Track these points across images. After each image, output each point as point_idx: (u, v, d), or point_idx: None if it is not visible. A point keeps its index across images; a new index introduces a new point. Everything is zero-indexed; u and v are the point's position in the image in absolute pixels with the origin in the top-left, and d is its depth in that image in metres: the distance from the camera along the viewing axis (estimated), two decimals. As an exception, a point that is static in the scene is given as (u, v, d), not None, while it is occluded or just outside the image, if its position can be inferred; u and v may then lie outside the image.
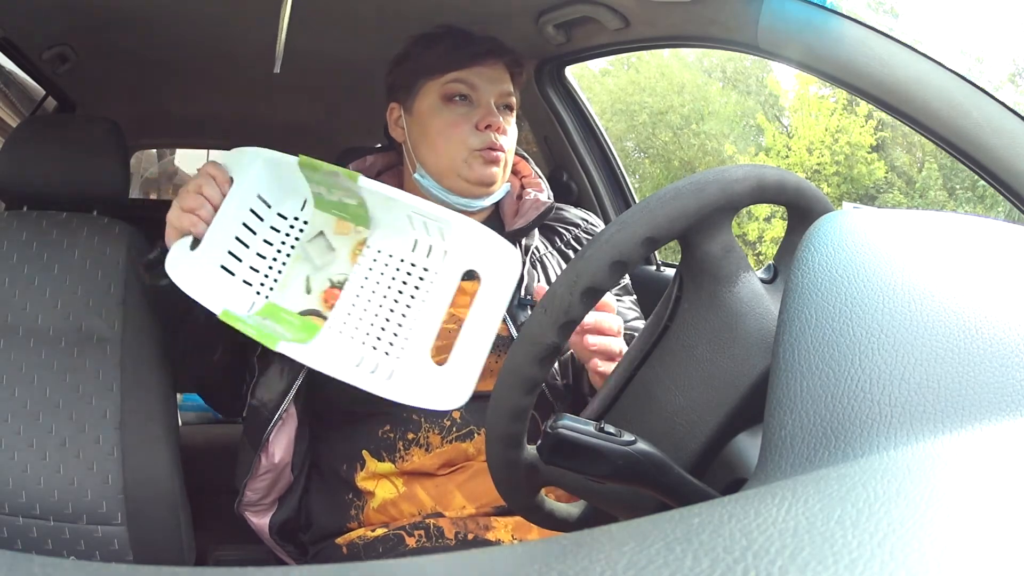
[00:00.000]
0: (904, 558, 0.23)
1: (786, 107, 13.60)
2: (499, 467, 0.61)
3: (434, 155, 1.04)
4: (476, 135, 1.03)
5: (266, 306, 0.93)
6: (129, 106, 1.90)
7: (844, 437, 0.35)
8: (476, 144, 1.02)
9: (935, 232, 0.47)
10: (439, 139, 1.04)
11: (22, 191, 1.17)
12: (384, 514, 1.00)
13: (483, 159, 1.03)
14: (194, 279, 0.90)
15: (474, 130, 1.03)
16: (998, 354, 0.38)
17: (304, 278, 0.95)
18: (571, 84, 1.60)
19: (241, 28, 1.43)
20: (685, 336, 0.58)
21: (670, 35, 1.27)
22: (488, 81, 1.05)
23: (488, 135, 1.03)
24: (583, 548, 0.25)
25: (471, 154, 1.02)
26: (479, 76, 1.04)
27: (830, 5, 0.96)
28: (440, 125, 1.03)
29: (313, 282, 0.95)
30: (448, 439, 1.00)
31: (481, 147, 1.02)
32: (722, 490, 0.54)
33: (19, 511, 1.02)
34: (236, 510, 1.07)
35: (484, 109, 1.04)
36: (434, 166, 1.04)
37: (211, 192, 0.92)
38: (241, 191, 0.93)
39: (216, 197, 0.92)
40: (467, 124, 1.03)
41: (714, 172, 0.58)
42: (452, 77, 1.04)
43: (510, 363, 0.57)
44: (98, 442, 1.05)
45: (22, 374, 1.06)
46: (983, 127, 0.86)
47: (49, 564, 0.24)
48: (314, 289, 0.94)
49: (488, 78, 1.05)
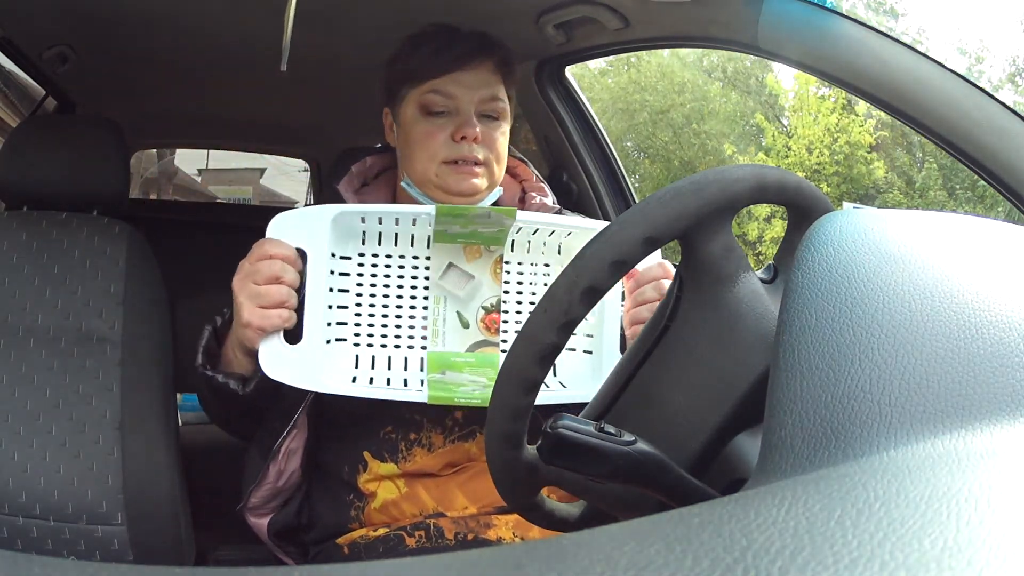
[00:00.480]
0: (904, 558, 0.23)
1: (786, 107, 13.60)
2: (499, 467, 0.61)
3: (411, 165, 1.03)
4: (450, 146, 1.00)
5: (431, 358, 0.90)
6: (129, 106, 1.90)
7: (844, 437, 0.35)
8: (447, 156, 1.00)
9: (935, 232, 0.47)
10: (416, 149, 1.02)
11: (22, 191, 1.17)
12: (385, 514, 1.00)
13: (455, 171, 1.00)
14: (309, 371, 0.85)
15: (449, 141, 1.00)
16: (998, 354, 0.38)
17: (455, 315, 0.92)
18: (571, 84, 1.60)
19: (241, 28, 1.43)
20: (685, 336, 0.58)
21: (670, 35, 1.27)
22: (467, 88, 1.01)
23: (462, 146, 1.00)
24: (583, 548, 0.25)
25: (441, 166, 1.00)
26: (457, 83, 1.01)
27: (830, 5, 0.96)
28: (417, 135, 1.02)
29: (466, 315, 0.92)
30: (450, 439, 1.00)
31: (452, 159, 1.00)
32: (722, 490, 0.54)
33: (19, 511, 1.02)
34: (238, 512, 1.06)
35: (462, 119, 1.01)
36: (414, 175, 1.03)
37: (291, 278, 0.86)
38: (319, 259, 0.87)
39: (296, 280, 0.86)
40: (443, 134, 1.00)
41: (714, 172, 0.58)
42: (429, 87, 1.01)
43: (510, 363, 0.57)
44: (98, 442, 1.05)
45: (22, 374, 1.06)
46: (983, 127, 0.86)
47: (49, 564, 0.24)
48: (471, 321, 0.92)
49: (467, 84, 1.02)
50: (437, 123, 1.01)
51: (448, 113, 1.02)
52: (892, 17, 13.03)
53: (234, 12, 1.36)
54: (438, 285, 0.92)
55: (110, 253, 1.14)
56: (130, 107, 1.91)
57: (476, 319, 0.92)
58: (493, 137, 1.03)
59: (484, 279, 0.93)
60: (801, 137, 12.32)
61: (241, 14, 1.37)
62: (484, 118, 1.02)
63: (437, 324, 0.91)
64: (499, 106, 1.04)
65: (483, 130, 1.01)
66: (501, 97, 1.04)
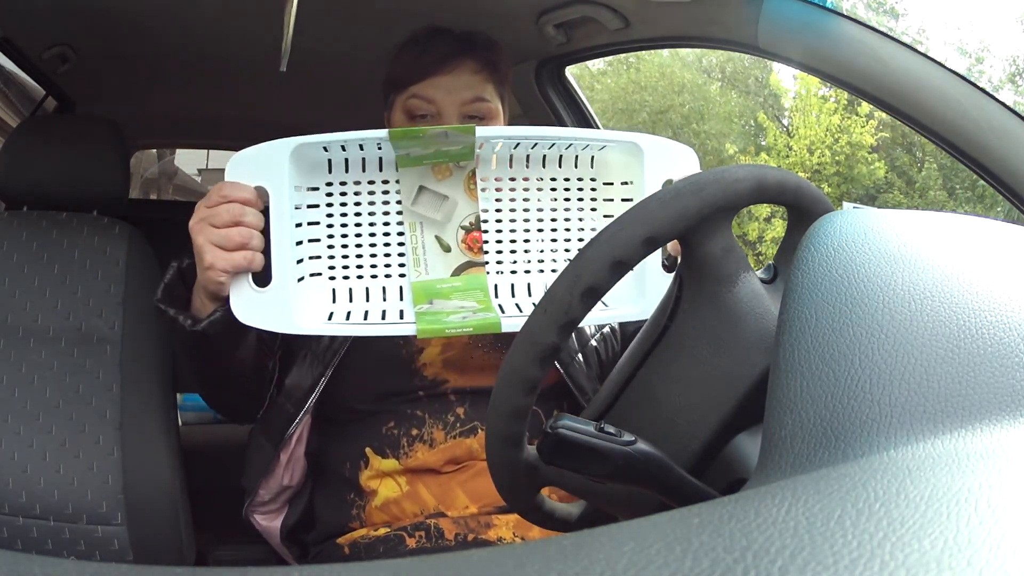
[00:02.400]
0: (904, 558, 0.23)
1: (786, 107, 13.60)
2: (499, 467, 0.61)
3: None
4: None
5: (416, 289, 0.85)
6: (129, 106, 1.90)
7: (844, 437, 0.35)
8: None
9: (935, 232, 0.47)
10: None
11: (22, 191, 1.17)
12: (386, 513, 1.00)
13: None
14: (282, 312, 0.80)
15: None
16: (998, 354, 0.38)
17: (434, 239, 0.87)
18: (571, 84, 1.61)
19: (241, 28, 1.43)
20: (685, 336, 0.58)
21: (670, 35, 1.27)
22: (447, 91, 1.00)
23: None
24: (583, 548, 0.25)
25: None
26: (436, 87, 1.01)
27: (830, 5, 0.96)
28: None
29: (446, 238, 0.87)
30: (452, 435, 1.00)
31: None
32: (722, 490, 0.54)
33: (19, 511, 1.02)
34: (245, 512, 1.06)
35: (442, 122, 1.00)
36: None
37: (253, 219, 0.81)
38: (281, 197, 0.81)
39: (259, 221, 0.81)
40: None
41: (714, 172, 0.58)
42: (410, 93, 1.01)
43: (510, 363, 0.57)
44: (98, 442, 1.05)
45: (22, 374, 1.06)
46: (983, 127, 0.86)
47: (49, 564, 0.24)
48: (451, 244, 0.87)
49: (449, 88, 1.01)
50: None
51: (431, 117, 1.01)
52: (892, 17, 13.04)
53: (234, 12, 1.36)
54: (411, 211, 0.86)
55: (110, 253, 1.14)
56: (130, 107, 1.91)
57: (457, 240, 0.87)
58: None
59: (459, 197, 0.87)
60: (802, 137, 12.32)
61: (241, 14, 1.37)
62: (470, 119, 1.02)
63: (417, 252, 0.86)
64: (484, 107, 1.03)
65: None
66: (486, 97, 1.03)
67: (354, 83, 1.68)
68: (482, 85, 1.03)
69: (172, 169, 8.56)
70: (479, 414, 1.00)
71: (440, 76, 1.01)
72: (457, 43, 1.03)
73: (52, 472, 1.03)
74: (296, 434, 1.02)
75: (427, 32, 1.05)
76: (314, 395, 1.00)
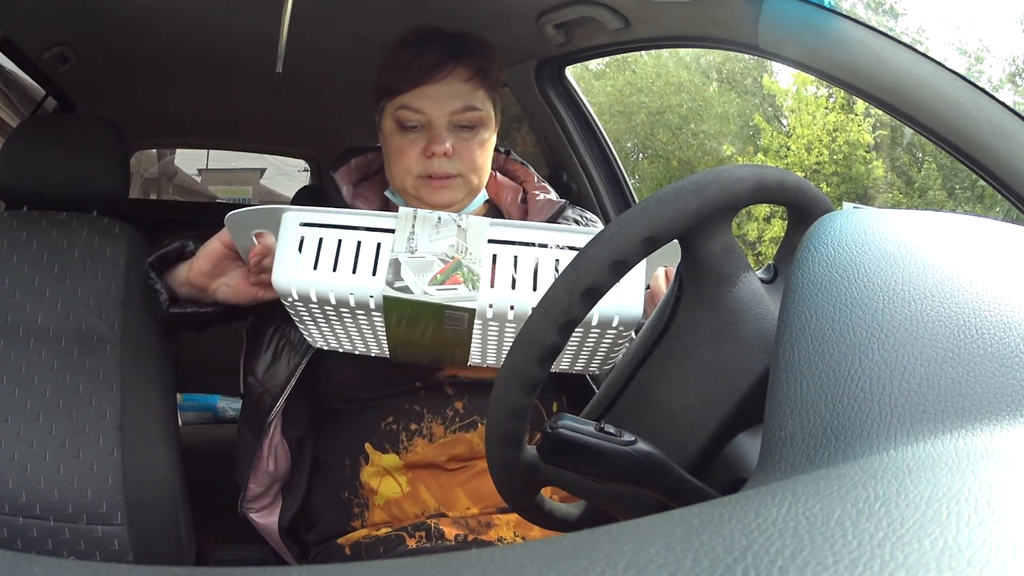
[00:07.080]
0: (904, 558, 0.23)
1: (784, 107, 13.60)
2: (499, 467, 0.61)
3: (391, 175, 1.04)
4: (421, 162, 1.00)
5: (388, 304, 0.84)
6: (129, 106, 1.90)
7: (844, 437, 0.35)
8: (421, 171, 1.00)
9: (935, 232, 0.47)
10: (393, 162, 1.02)
11: (22, 191, 1.17)
12: (387, 513, 1.00)
13: (428, 185, 1.00)
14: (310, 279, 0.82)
15: (421, 156, 1.00)
16: (998, 354, 0.38)
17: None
18: (571, 84, 1.61)
19: (241, 28, 1.43)
20: (685, 336, 0.58)
21: (670, 35, 1.27)
22: (436, 101, 0.99)
23: (433, 162, 0.99)
24: (583, 548, 0.25)
25: (416, 180, 1.00)
26: (425, 97, 1.00)
27: (830, 5, 0.96)
28: (393, 149, 1.02)
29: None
30: (451, 429, 1.00)
31: (426, 174, 1.00)
32: (722, 490, 0.54)
33: (19, 511, 1.02)
34: (240, 510, 1.07)
35: (433, 133, 1.00)
36: (395, 185, 1.04)
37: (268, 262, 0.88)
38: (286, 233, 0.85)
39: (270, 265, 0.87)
40: (415, 149, 1.00)
41: (714, 172, 0.58)
42: (399, 103, 1.00)
43: (510, 363, 0.57)
44: (98, 442, 1.05)
45: (22, 374, 1.06)
46: (983, 127, 0.86)
47: (49, 564, 0.24)
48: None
49: (437, 98, 1.00)
50: (410, 137, 1.01)
51: (421, 127, 1.01)
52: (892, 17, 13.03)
53: (234, 12, 1.36)
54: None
55: (110, 253, 1.14)
56: (130, 107, 1.91)
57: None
58: (468, 148, 1.01)
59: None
60: (800, 137, 12.32)
61: (240, 14, 1.37)
62: (459, 128, 1.01)
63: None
64: (474, 115, 1.01)
65: (456, 142, 1.00)
66: (476, 106, 1.01)
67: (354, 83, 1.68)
68: (472, 93, 1.01)
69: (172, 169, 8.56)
70: (478, 407, 1.00)
71: (430, 85, 1.00)
72: (447, 49, 1.01)
73: (52, 472, 1.03)
74: (276, 423, 1.03)
75: (417, 35, 1.04)
76: (291, 384, 1.00)
